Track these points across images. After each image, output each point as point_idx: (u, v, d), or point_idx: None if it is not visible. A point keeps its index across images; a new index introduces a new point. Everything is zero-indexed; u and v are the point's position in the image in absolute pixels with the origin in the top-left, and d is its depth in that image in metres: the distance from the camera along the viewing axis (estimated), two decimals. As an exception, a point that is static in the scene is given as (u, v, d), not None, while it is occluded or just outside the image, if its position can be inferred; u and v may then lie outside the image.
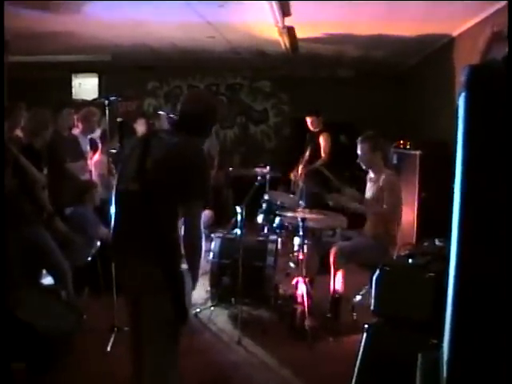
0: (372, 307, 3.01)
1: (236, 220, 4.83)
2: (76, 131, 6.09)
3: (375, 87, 9.43)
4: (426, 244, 3.37)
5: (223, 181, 8.78)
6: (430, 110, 7.11)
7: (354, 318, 4.64)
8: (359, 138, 4.74)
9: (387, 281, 2.96)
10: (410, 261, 3.04)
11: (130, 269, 2.79)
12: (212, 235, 5.15)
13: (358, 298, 4.87)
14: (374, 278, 3.02)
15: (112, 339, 4.07)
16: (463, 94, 1.74)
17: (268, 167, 5.35)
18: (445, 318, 2.13)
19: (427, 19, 5.41)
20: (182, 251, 2.73)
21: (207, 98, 3.01)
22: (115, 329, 4.13)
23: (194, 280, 2.77)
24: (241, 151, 10.19)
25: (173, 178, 2.65)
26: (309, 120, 7.16)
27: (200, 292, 4.86)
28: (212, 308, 4.84)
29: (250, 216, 5.06)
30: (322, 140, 7.03)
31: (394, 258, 3.61)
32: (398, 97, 9.13)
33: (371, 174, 4.83)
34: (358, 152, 4.72)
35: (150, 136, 2.85)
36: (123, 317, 3.13)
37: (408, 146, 6.00)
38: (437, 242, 3.30)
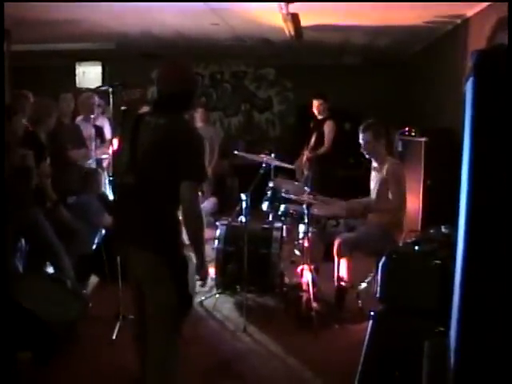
0: (378, 294, 3.01)
1: (241, 207, 4.81)
2: (78, 119, 6.10)
3: (381, 74, 9.40)
4: (432, 231, 3.35)
5: (227, 169, 8.78)
6: (436, 97, 7.06)
7: (360, 305, 4.64)
8: (361, 127, 4.69)
9: (393, 268, 2.95)
10: (417, 248, 3.02)
11: (133, 257, 2.80)
12: (217, 223, 5.15)
13: (363, 285, 4.87)
14: (380, 265, 3.01)
15: (117, 327, 4.08)
16: (470, 80, 1.71)
17: (273, 154, 5.31)
18: (451, 306, 2.12)
19: (434, 4, 5.35)
20: (184, 237, 2.74)
21: (181, 71, 2.83)
22: (120, 317, 4.14)
23: (201, 260, 2.77)
24: (245, 139, 10.16)
25: (165, 162, 2.64)
26: (315, 103, 7.08)
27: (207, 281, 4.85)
28: (217, 296, 4.85)
29: (255, 203, 5.04)
30: (326, 127, 7.00)
31: (400, 245, 3.58)
32: (404, 83, 9.08)
33: (374, 164, 4.80)
34: (360, 141, 4.68)
35: (137, 121, 2.79)
36: (128, 305, 3.14)
37: (413, 133, 5.95)
38: (443, 229, 3.28)
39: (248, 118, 10.41)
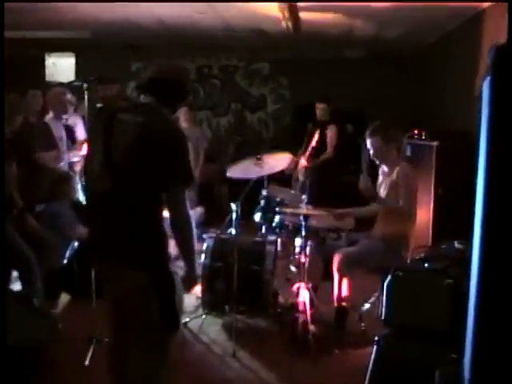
0: (383, 316, 3.02)
1: (230, 218, 4.82)
2: (48, 117, 6.08)
3: (387, 70, 9.45)
4: (443, 246, 3.37)
5: (215, 175, 8.78)
6: (450, 95, 7.11)
7: (362, 328, 4.65)
8: (368, 132, 4.70)
9: (400, 287, 2.96)
10: (426, 265, 3.04)
11: (111, 274, 2.79)
12: (204, 235, 5.14)
13: (367, 306, 4.88)
14: (386, 284, 3.02)
15: (91, 351, 4.06)
16: (488, 78, 1.73)
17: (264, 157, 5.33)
18: (465, 330, 2.13)
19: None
20: (171, 250, 2.75)
21: (178, 66, 2.97)
22: (94, 340, 4.12)
23: (191, 270, 2.81)
24: (236, 141, 10.18)
25: (145, 165, 2.64)
26: (318, 107, 7.20)
27: (190, 299, 4.84)
28: (203, 317, 4.84)
29: (247, 214, 5.05)
30: (328, 132, 7.07)
31: (408, 261, 3.61)
32: (413, 80, 9.13)
33: (384, 168, 4.82)
34: (369, 147, 4.70)
35: (111, 119, 2.78)
36: (103, 326, 3.13)
37: (423, 137, 6.00)
38: (456, 245, 3.31)
39: (239, 118, 10.43)
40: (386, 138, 4.65)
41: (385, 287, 3.02)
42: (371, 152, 4.71)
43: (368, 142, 4.70)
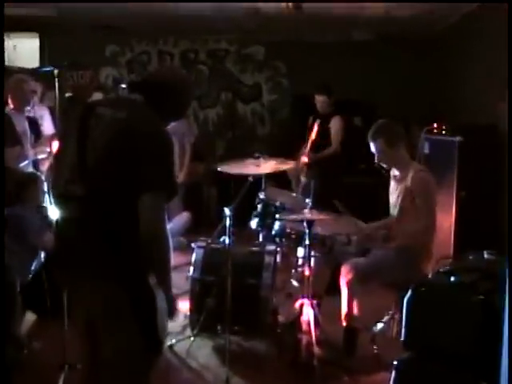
0: (402, 338, 3.03)
1: (223, 225, 4.82)
2: (8, 109, 6.04)
3: (402, 55, 9.43)
4: (471, 258, 3.38)
5: (203, 175, 8.79)
6: (475, 84, 7.13)
7: (375, 351, 4.66)
8: (369, 134, 4.75)
9: (422, 304, 2.98)
10: (452, 279, 3.05)
11: (83, 290, 2.79)
12: (192, 245, 5.14)
13: (380, 326, 4.90)
14: (405, 300, 3.04)
15: (62, 379, 4.05)
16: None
17: (262, 158, 5.34)
18: (498, 353, 2.14)
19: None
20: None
21: (184, 75, 3.11)
22: (66, 366, 4.11)
23: (167, 294, 2.79)
24: (226, 137, 10.18)
25: (124, 167, 2.65)
26: (318, 99, 7.25)
27: (177, 318, 4.83)
28: (192, 338, 4.84)
29: (242, 220, 5.05)
30: (332, 125, 7.09)
31: (430, 275, 3.62)
32: (432, 66, 9.10)
33: (395, 172, 4.86)
34: (372, 150, 4.75)
35: (87, 113, 2.80)
36: (76, 351, 3.13)
37: (444, 131, 6.01)
38: (486, 255, 3.31)
39: (229, 111, 10.43)
40: (389, 140, 4.69)
41: (404, 304, 3.03)
42: (376, 157, 4.74)
43: (371, 145, 4.74)
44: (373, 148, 4.73)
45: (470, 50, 7.49)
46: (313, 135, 6.95)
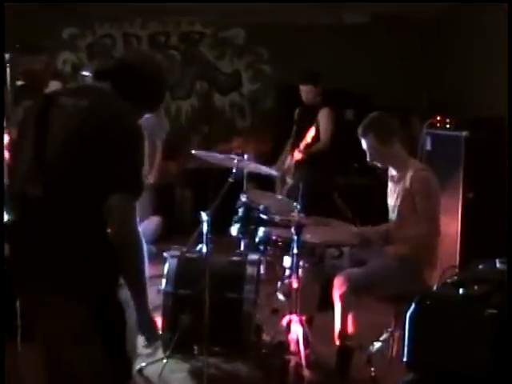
0: (405, 358, 3.03)
1: (200, 232, 4.81)
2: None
3: (400, 40, 9.46)
4: (481, 267, 3.40)
5: (176, 176, 8.77)
6: (483, 73, 7.16)
7: (372, 374, 4.67)
8: (359, 130, 4.77)
9: (428, 319, 2.98)
10: (461, 291, 3.06)
11: (42, 304, 2.77)
12: (165, 254, 5.13)
13: (378, 345, 4.90)
14: (408, 315, 3.04)
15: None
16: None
17: (246, 155, 5.34)
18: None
19: None
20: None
21: (159, 59, 3.09)
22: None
23: (143, 311, 2.79)
24: (202, 132, 10.17)
25: (89, 165, 2.64)
26: (303, 89, 7.26)
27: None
28: (165, 361, 4.81)
29: (221, 226, 5.04)
30: (320, 117, 7.11)
31: (436, 286, 3.63)
32: (435, 54, 9.15)
33: (393, 172, 4.88)
34: (364, 147, 4.77)
35: (45, 104, 2.79)
36: (34, 374, 3.11)
37: (448, 125, 6.05)
38: (498, 264, 3.33)
39: (205, 102, 10.42)
40: (381, 136, 4.70)
41: (407, 319, 3.04)
42: (367, 155, 4.76)
43: (362, 143, 4.76)
44: (364, 145, 4.75)
45: (478, 35, 7.51)
46: (308, 138, 6.90)
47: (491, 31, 6.93)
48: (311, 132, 6.81)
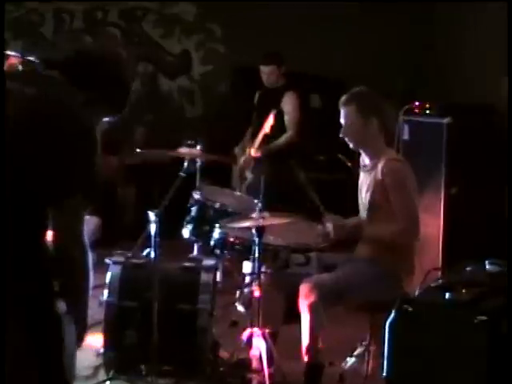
0: (385, 372, 3.05)
1: (147, 235, 4.80)
2: None
3: (376, 17, 9.47)
4: (469, 269, 3.43)
5: (118, 171, 8.72)
6: (467, 55, 7.20)
7: (345, 392, 4.71)
8: (342, 99, 4.82)
9: (410, 329, 3.00)
10: (448, 296, 3.09)
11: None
12: (106, 260, 5.09)
13: (351, 360, 4.92)
14: (388, 324, 3.06)
15: None
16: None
17: (199, 146, 5.34)
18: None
19: None
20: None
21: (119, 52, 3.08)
22: None
23: (81, 327, 2.77)
24: (146, 121, 10.12)
25: (30, 164, 2.61)
26: (264, 71, 7.27)
27: (86, 355, 4.78)
28: (108, 383, 4.79)
29: (171, 228, 5.03)
30: (285, 103, 7.12)
31: (418, 291, 3.66)
32: (415, 34, 9.16)
33: (365, 159, 4.91)
34: (342, 120, 4.80)
35: None
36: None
37: (428, 111, 6.09)
38: (488, 266, 3.36)
39: (150, 87, 10.38)
40: (363, 108, 4.76)
41: (387, 329, 3.06)
42: (342, 129, 4.81)
43: (341, 113, 4.81)
44: (342, 117, 4.80)
45: (462, 14, 7.55)
46: (266, 127, 6.89)
47: (476, 11, 6.99)
48: (269, 121, 6.81)
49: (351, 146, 4.87)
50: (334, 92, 8.09)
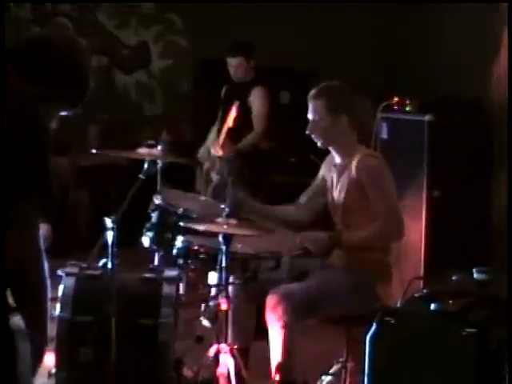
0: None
1: (103, 243, 4.77)
2: None
3: (352, 6, 9.48)
4: (455, 278, 3.44)
5: (69, 174, 8.70)
6: (450, 44, 7.24)
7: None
8: (311, 92, 4.86)
9: (393, 342, 3.00)
10: (433, 306, 3.09)
11: None
12: (59, 271, 5.05)
13: (327, 379, 4.92)
14: (368, 338, 3.06)
15: None
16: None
17: (160, 146, 5.32)
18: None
19: None
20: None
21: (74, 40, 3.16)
22: None
23: (38, 344, 2.75)
24: (100, 120, 10.09)
25: None
26: (232, 63, 7.29)
27: (38, 374, 4.74)
28: (60, 406, 4.77)
29: (130, 235, 5.01)
30: (253, 99, 7.17)
31: (400, 302, 3.67)
32: (392, 22, 9.17)
33: (336, 158, 4.93)
34: (309, 116, 4.83)
35: None
36: None
37: (408, 108, 6.11)
38: (476, 275, 3.37)
39: (104, 83, 10.35)
40: (332, 104, 4.79)
41: (367, 344, 3.06)
42: (309, 125, 4.84)
43: (309, 108, 4.84)
44: (310, 113, 4.82)
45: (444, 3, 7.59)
46: (229, 121, 6.89)
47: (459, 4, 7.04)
48: (232, 113, 6.81)
49: (319, 143, 4.88)
50: (302, 86, 8.18)
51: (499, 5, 5.90)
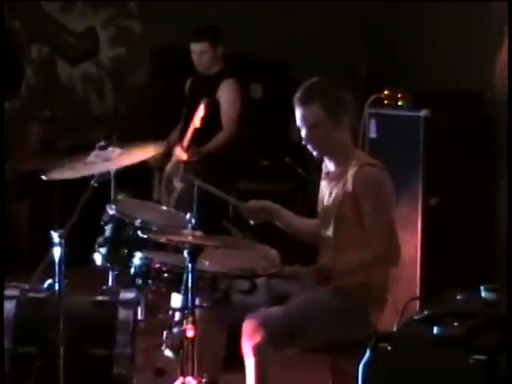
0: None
1: (49, 261, 4.75)
2: None
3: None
4: (460, 297, 3.45)
5: (8, 181, 8.67)
6: (447, 32, 7.30)
7: None
8: (298, 95, 4.78)
9: (389, 371, 3.01)
10: (436, 330, 3.10)
11: None
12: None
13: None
14: (361, 367, 3.06)
15: None
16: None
17: (116, 149, 5.31)
18: None
19: None
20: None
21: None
22: None
23: None
24: (42, 118, 10.05)
25: None
26: (196, 49, 7.31)
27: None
28: None
29: (80, 252, 5.00)
30: (222, 92, 7.18)
31: (396, 325, 3.68)
32: (381, 7, 9.23)
33: (330, 165, 4.92)
34: (300, 123, 4.79)
35: None
36: None
37: (400, 102, 6.13)
38: (483, 293, 3.38)
39: (46, 76, 10.32)
40: (330, 106, 4.74)
41: (360, 373, 3.06)
42: (305, 133, 4.77)
43: (299, 114, 4.77)
44: (301, 120, 4.76)
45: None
46: (196, 120, 6.88)
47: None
48: (200, 112, 6.79)
49: (315, 154, 4.84)
50: (277, 80, 8.20)
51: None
